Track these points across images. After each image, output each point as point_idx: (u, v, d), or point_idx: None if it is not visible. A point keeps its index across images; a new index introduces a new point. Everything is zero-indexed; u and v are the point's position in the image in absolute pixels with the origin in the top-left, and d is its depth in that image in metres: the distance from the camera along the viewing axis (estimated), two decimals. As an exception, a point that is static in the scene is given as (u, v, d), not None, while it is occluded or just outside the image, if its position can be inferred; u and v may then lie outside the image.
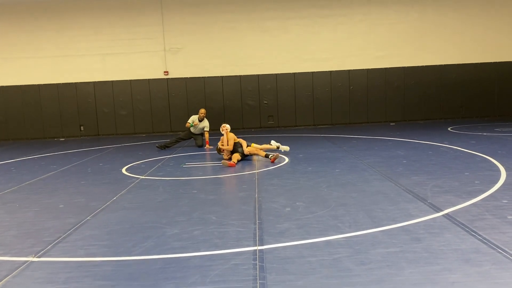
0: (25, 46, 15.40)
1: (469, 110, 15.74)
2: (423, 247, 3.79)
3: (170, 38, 15.41)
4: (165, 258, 3.81)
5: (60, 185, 7.20)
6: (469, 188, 5.74)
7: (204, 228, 4.58)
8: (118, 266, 3.69)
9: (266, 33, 15.46)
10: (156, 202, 5.83)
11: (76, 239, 4.42)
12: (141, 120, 15.65)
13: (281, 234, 4.29)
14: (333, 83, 15.58)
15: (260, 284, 3.22)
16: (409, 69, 15.56)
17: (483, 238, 3.93)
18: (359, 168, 7.49)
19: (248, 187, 6.46)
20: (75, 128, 15.66)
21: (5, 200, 6.34)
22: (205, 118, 11.33)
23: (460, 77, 15.58)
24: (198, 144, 11.30)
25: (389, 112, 15.71)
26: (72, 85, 15.49)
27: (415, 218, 4.59)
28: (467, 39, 15.55)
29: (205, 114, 11.32)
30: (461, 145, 9.47)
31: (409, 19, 15.46)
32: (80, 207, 5.72)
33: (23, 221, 5.17)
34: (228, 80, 15.54)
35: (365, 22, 15.47)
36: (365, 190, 5.89)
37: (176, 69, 15.53)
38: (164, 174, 7.82)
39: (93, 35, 15.32)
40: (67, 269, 3.66)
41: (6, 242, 4.42)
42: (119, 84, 15.52)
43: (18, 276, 3.57)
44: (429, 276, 3.24)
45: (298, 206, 5.28)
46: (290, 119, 15.73)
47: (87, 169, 8.67)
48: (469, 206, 4.92)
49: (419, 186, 5.94)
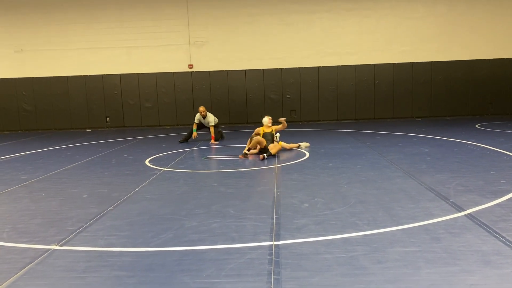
0: (54, 39, 15.76)
1: (498, 107, 15.27)
2: (442, 247, 3.71)
3: (194, 32, 15.49)
4: (182, 250, 3.86)
5: (85, 175, 7.37)
6: (494, 187, 5.58)
7: (222, 221, 4.61)
8: (136, 256, 3.77)
9: (290, 26, 15.35)
10: (176, 194, 5.90)
11: (97, 229, 4.53)
12: (166, 113, 15.83)
13: (298, 230, 4.28)
14: (358, 77, 15.37)
15: (275, 279, 3.23)
16: (437, 64, 15.18)
17: (505, 240, 3.82)
18: (381, 164, 7.38)
19: (267, 182, 6.47)
20: (101, 120, 15.98)
21: (32, 189, 6.54)
22: (208, 113, 11.24)
23: (490, 72, 15.11)
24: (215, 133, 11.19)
25: (415, 107, 15.40)
26: (99, 77, 15.79)
27: (436, 217, 4.50)
28: (497, 33, 15.04)
29: (205, 110, 11.24)
30: (489, 142, 9.21)
31: (437, 12, 15.06)
32: (102, 197, 5.85)
33: (48, 210, 5.32)
34: (252, 73, 15.53)
35: (391, 16, 15.16)
36: (386, 188, 5.81)
37: (200, 63, 15.61)
38: (185, 166, 7.90)
39: (119, 28, 15.55)
40: (87, 258, 3.76)
41: (30, 230, 4.57)
42: (145, 77, 15.73)
43: (40, 263, 3.68)
44: (446, 277, 3.18)
45: (316, 202, 5.25)
46: (313, 114, 15.62)
47: (111, 160, 8.84)
48: (493, 206, 4.79)
49: (442, 185, 5.81)
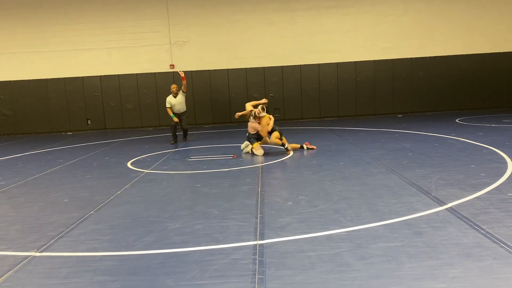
0: (32, 41, 15.44)
1: (477, 101, 15.52)
2: (425, 241, 3.76)
3: (175, 32, 15.37)
4: (166, 253, 3.82)
5: (66, 179, 7.26)
6: (474, 181, 5.67)
7: (205, 223, 4.58)
8: (119, 261, 3.71)
9: (272, 25, 15.35)
10: (159, 196, 5.85)
11: (78, 234, 4.45)
12: (148, 114, 15.67)
13: (282, 228, 4.28)
14: (339, 75, 15.46)
15: (259, 279, 3.22)
16: (417, 60, 15.36)
17: (486, 232, 3.88)
18: (364, 161, 7.44)
19: (251, 181, 6.45)
20: (82, 122, 15.74)
21: (10, 194, 6.40)
22: (178, 92, 11.35)
23: (468, 68, 15.36)
24: (184, 127, 11.33)
25: (396, 103, 15.57)
26: (78, 79, 15.55)
27: (418, 211, 4.55)
28: (475, 29, 15.29)
29: (176, 88, 11.34)
30: (469, 137, 9.36)
31: (416, 9, 15.23)
32: (84, 201, 5.76)
33: (28, 216, 5.22)
34: (234, 73, 15.49)
35: (372, 13, 15.28)
36: (368, 184, 5.86)
37: (182, 63, 15.48)
38: (168, 168, 7.84)
39: (98, 29, 15.32)
40: (69, 264, 3.69)
41: (9, 237, 4.47)
42: (125, 78, 15.55)
43: (19, 271, 3.60)
44: (429, 270, 3.21)
45: (300, 200, 5.26)
46: (296, 112, 15.66)
47: (93, 163, 8.72)
48: (473, 200, 4.86)
49: (423, 179, 5.88)
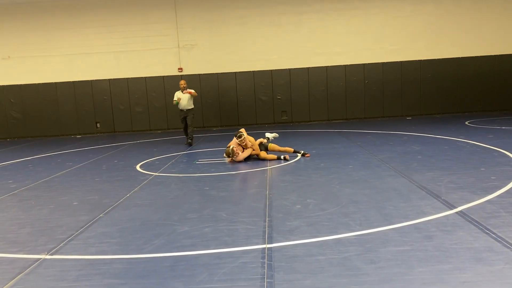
0: (42, 45, 15.60)
1: (487, 104, 15.38)
2: (435, 245, 3.72)
3: (183, 35, 15.44)
4: (175, 256, 3.83)
5: (75, 183, 7.31)
6: (484, 184, 5.62)
7: (214, 226, 4.59)
8: (128, 264, 3.73)
9: (279, 28, 15.36)
10: (168, 199, 5.87)
11: (88, 237, 4.48)
12: (156, 117, 15.76)
13: (291, 232, 4.26)
14: (347, 77, 15.42)
15: (268, 283, 3.21)
16: (426, 62, 15.28)
17: (497, 236, 3.84)
18: (372, 164, 7.40)
19: (259, 184, 6.45)
20: (91, 125, 15.86)
21: (21, 197, 6.46)
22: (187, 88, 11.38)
23: (478, 69, 15.23)
24: (188, 123, 11.36)
25: (405, 106, 15.48)
26: (87, 82, 15.68)
27: (427, 215, 4.51)
28: (485, 31, 15.17)
29: (185, 84, 11.37)
30: (478, 139, 9.27)
31: (425, 11, 15.15)
32: (93, 204, 5.80)
33: (38, 219, 5.26)
34: (242, 76, 15.52)
35: (380, 15, 15.23)
36: (377, 187, 5.82)
37: (190, 66, 15.56)
38: (177, 170, 7.86)
39: (107, 33, 15.45)
40: (78, 267, 3.71)
41: (20, 240, 4.51)
42: (134, 81, 15.64)
43: (30, 273, 3.63)
44: (439, 275, 3.18)
45: (308, 203, 5.24)
46: (304, 115, 15.64)
47: (102, 166, 8.77)
48: (484, 203, 4.81)
49: (433, 182, 5.84)
